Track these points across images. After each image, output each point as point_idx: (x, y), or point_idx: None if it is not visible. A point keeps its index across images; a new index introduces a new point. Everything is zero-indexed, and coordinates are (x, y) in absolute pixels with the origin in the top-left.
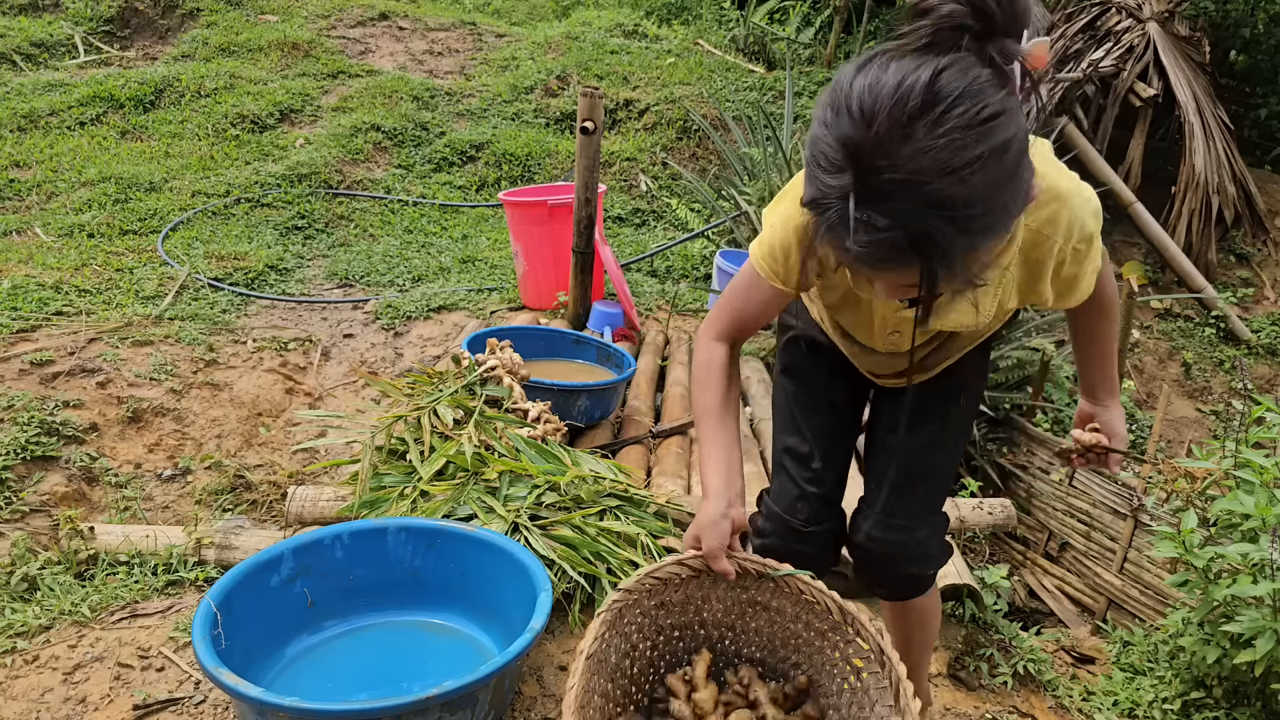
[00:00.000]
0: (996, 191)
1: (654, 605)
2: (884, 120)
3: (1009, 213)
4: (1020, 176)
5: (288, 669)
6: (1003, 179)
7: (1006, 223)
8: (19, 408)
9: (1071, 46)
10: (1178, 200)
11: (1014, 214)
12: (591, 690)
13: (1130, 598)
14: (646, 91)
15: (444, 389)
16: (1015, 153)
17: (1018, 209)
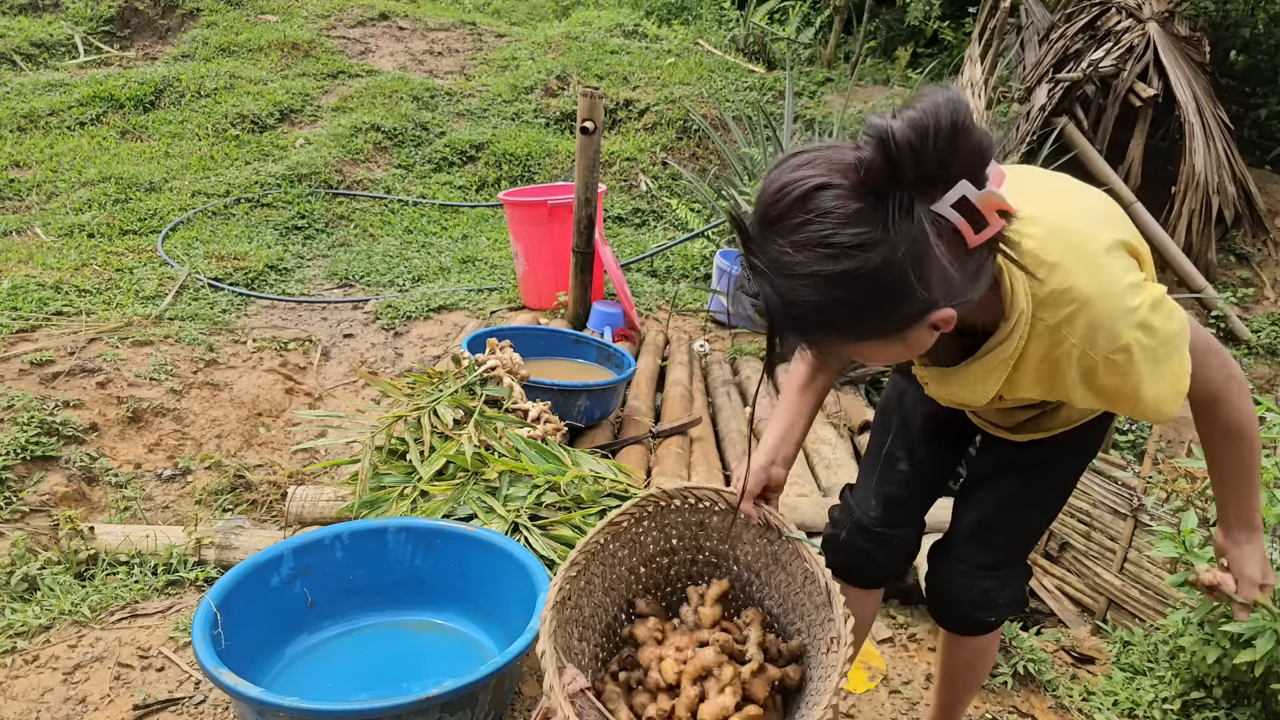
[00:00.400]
0: (837, 306)
1: (695, 521)
2: (760, 213)
3: (863, 325)
4: (874, 304)
5: (288, 669)
6: (843, 298)
7: (861, 331)
8: (19, 408)
9: (1071, 46)
10: (1178, 200)
11: (877, 329)
12: (621, 562)
13: (1130, 598)
14: (646, 91)
15: (444, 389)
16: (865, 282)
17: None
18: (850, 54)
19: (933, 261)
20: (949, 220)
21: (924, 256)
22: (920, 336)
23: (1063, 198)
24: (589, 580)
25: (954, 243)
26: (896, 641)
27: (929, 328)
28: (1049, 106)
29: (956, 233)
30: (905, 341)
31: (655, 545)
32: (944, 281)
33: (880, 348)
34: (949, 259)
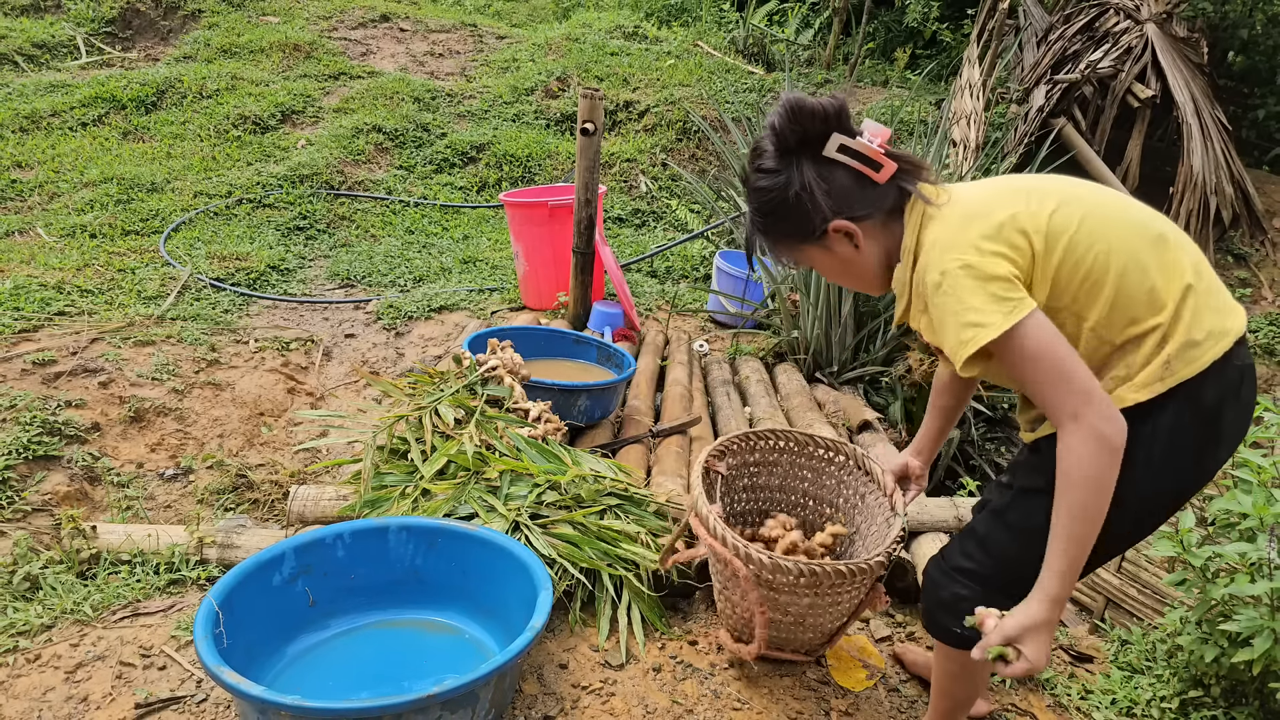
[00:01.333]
0: (763, 216)
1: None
2: (748, 155)
3: (778, 233)
4: (783, 215)
5: (289, 668)
6: (765, 212)
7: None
8: (21, 407)
9: (1070, 48)
10: (1176, 201)
11: (788, 235)
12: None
13: (1128, 596)
14: (646, 93)
15: (445, 389)
16: (771, 202)
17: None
18: (849, 55)
19: (825, 186)
20: (841, 159)
21: (813, 186)
22: (841, 246)
23: (1025, 194)
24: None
25: (856, 176)
26: (895, 640)
27: (843, 235)
28: (1047, 107)
29: (861, 169)
30: (830, 250)
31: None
32: (838, 200)
33: (818, 256)
34: (847, 186)
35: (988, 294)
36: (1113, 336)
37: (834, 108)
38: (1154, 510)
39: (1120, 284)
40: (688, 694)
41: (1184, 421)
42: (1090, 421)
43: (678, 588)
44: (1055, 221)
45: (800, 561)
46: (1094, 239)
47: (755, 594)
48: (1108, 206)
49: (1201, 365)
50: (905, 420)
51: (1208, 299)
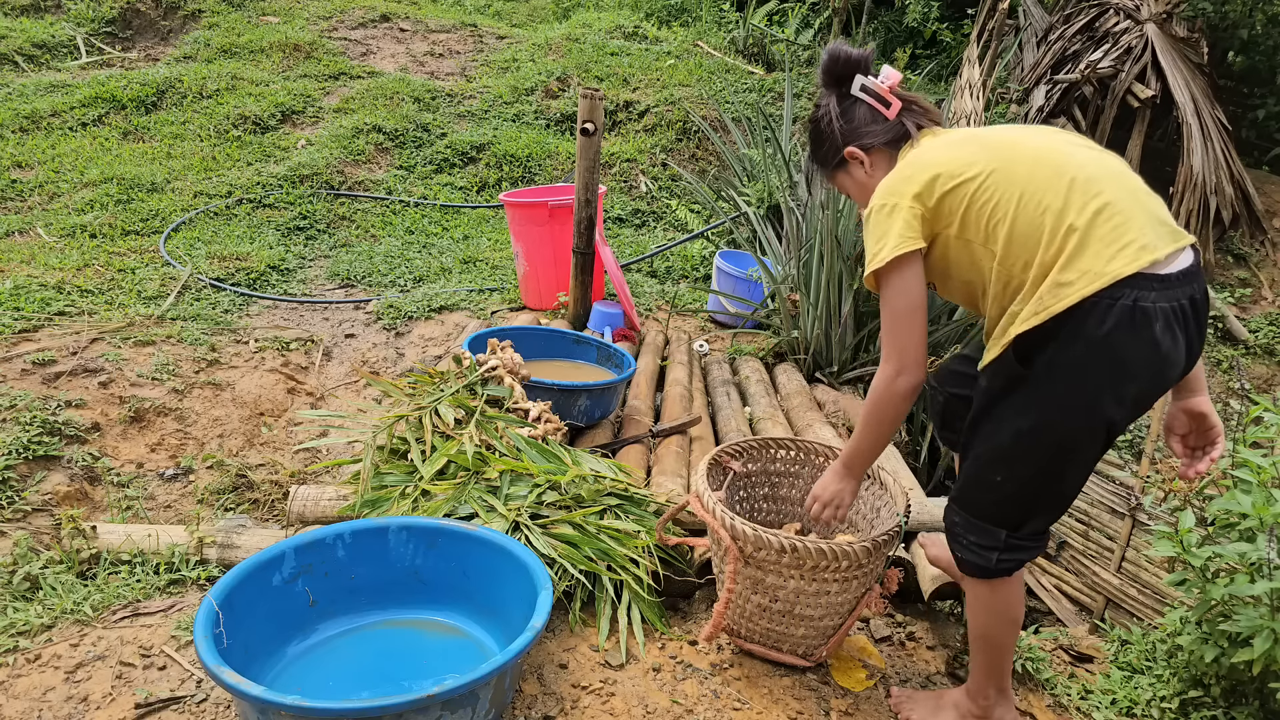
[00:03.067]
0: (810, 142)
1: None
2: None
3: (816, 159)
4: (817, 142)
5: (289, 667)
6: (810, 139)
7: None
8: (21, 407)
9: (1070, 48)
10: (1176, 201)
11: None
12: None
13: (1128, 597)
14: (646, 93)
15: (445, 389)
16: (811, 129)
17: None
18: None
19: (846, 120)
20: (861, 98)
21: (835, 117)
22: (858, 173)
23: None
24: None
25: (872, 111)
26: (895, 640)
27: (856, 163)
28: (1047, 108)
29: (874, 106)
30: (851, 175)
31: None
32: (852, 130)
33: (845, 181)
34: (863, 120)
35: (887, 229)
36: (1015, 272)
37: (861, 55)
38: (1075, 438)
39: (1017, 224)
40: (688, 694)
41: (1075, 353)
42: (891, 371)
43: (678, 588)
44: (971, 169)
45: (783, 536)
46: (999, 189)
47: (732, 566)
48: (1029, 157)
49: (1067, 302)
50: (905, 420)
51: (1094, 242)
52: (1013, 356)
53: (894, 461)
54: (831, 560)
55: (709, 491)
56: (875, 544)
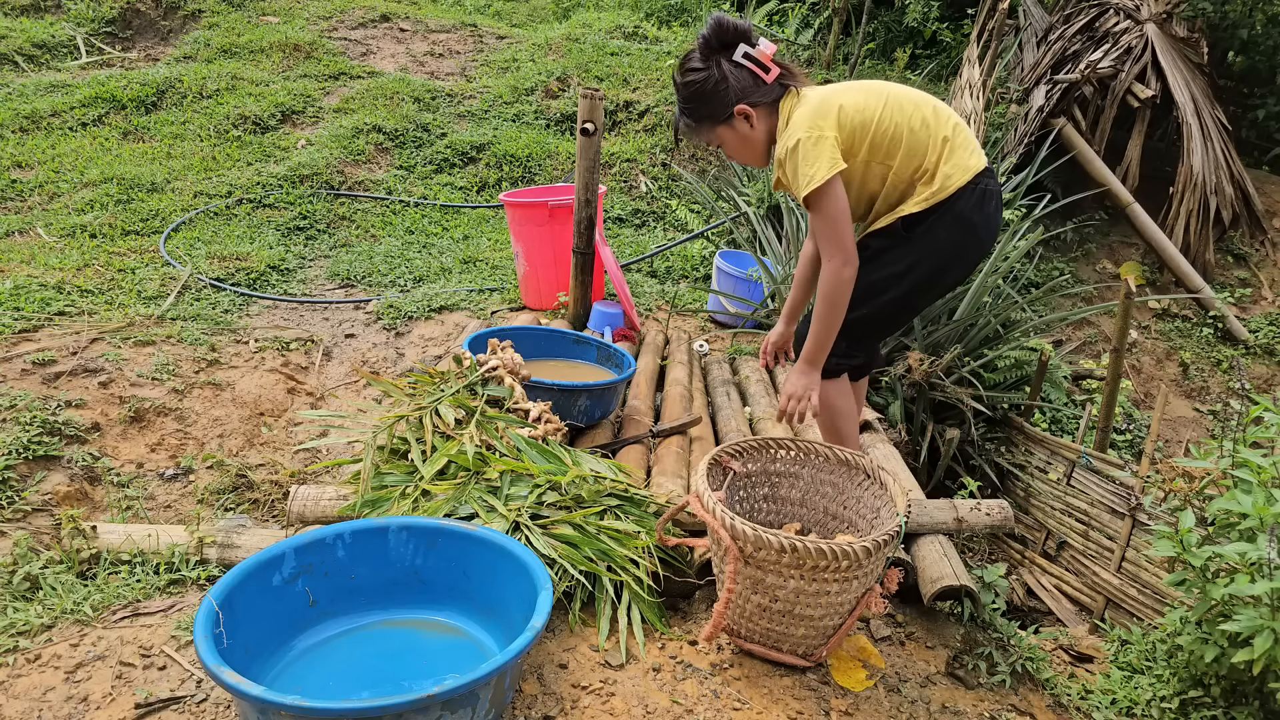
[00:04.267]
0: (689, 104)
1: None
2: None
3: (699, 115)
4: (704, 101)
5: (289, 667)
6: (691, 100)
7: (706, 118)
8: (21, 407)
9: (1070, 48)
10: (1176, 201)
11: (712, 116)
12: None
13: (1128, 597)
14: (646, 93)
15: (445, 389)
16: (696, 91)
17: (716, 116)
18: (849, 55)
19: (734, 80)
20: (744, 63)
21: (727, 78)
22: (742, 128)
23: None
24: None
25: (754, 75)
26: (895, 640)
27: (742, 118)
28: (1047, 108)
29: (754, 71)
30: (735, 129)
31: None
32: (741, 90)
33: (727, 134)
34: (748, 82)
35: (819, 155)
36: (907, 176)
37: (745, 25)
38: (933, 278)
39: (908, 143)
40: (688, 694)
41: (947, 221)
42: (839, 263)
43: (678, 588)
44: (868, 110)
45: (783, 536)
46: (893, 118)
47: (732, 566)
48: (901, 98)
49: (949, 191)
50: (905, 420)
51: (959, 148)
52: (900, 226)
53: (894, 462)
54: (831, 560)
55: (709, 491)
56: (875, 544)
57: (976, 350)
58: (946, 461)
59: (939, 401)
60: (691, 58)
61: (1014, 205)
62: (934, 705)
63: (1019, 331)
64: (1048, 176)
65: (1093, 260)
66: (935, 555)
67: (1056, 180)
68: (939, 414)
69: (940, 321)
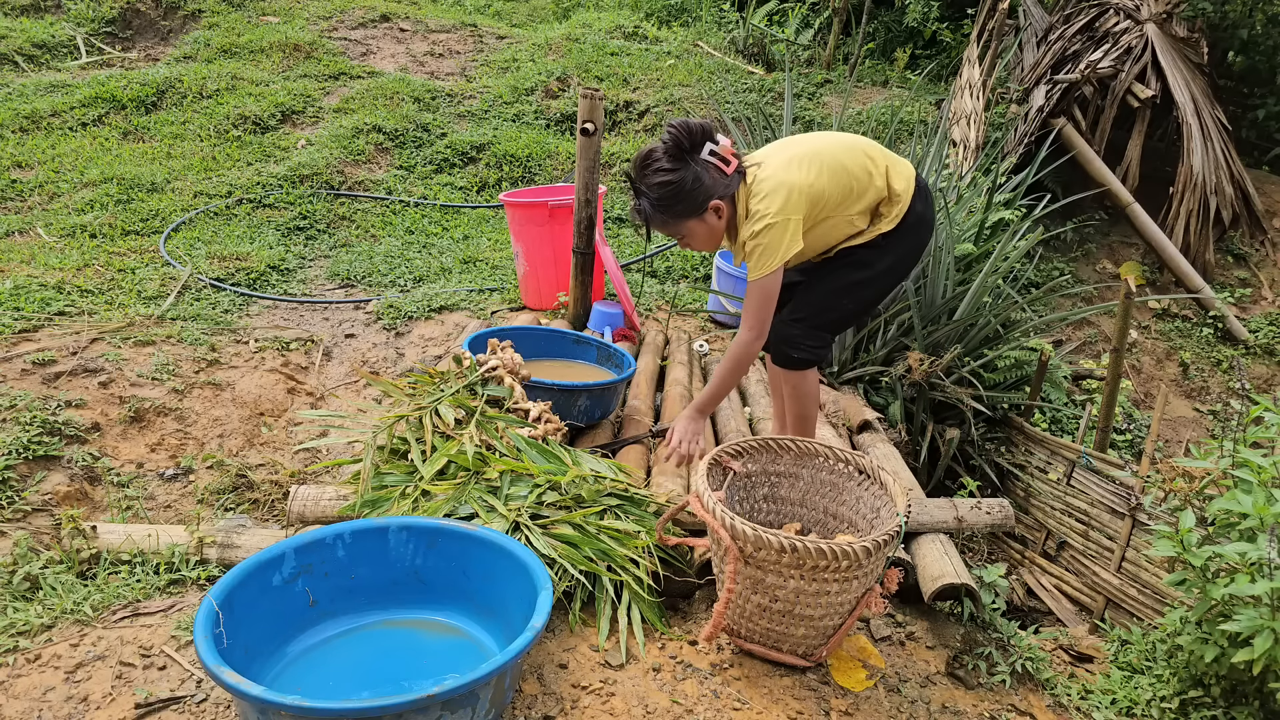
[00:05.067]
0: (665, 201)
1: (773, 473)
2: (634, 166)
3: (675, 212)
4: (681, 199)
5: (289, 667)
6: (667, 199)
7: (680, 214)
8: (21, 407)
9: (1070, 48)
10: (1176, 201)
11: (685, 212)
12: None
13: (1128, 597)
14: (646, 93)
15: (445, 389)
16: (673, 191)
17: (690, 211)
18: (849, 55)
19: (706, 177)
20: (711, 160)
21: (701, 175)
22: (711, 220)
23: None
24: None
25: (719, 169)
26: (895, 640)
27: (713, 211)
28: (1047, 108)
29: (719, 166)
30: (705, 222)
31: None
32: (712, 185)
33: (697, 226)
34: (714, 176)
35: (780, 243)
36: (869, 208)
37: (707, 125)
38: (902, 270)
39: (859, 188)
40: (688, 694)
41: (912, 223)
42: (753, 336)
43: (678, 588)
44: (818, 184)
45: (783, 536)
46: (836, 180)
47: (732, 566)
48: (836, 147)
49: (907, 200)
50: (905, 420)
51: (895, 170)
52: (880, 240)
53: (894, 462)
54: (831, 560)
55: (709, 491)
56: (875, 544)
57: (976, 350)
58: (946, 461)
59: (939, 401)
60: (657, 159)
61: (1014, 205)
62: (934, 705)
63: (1019, 331)
64: (1048, 176)
65: (1093, 260)
66: (936, 554)
67: (1056, 180)
68: (939, 414)
69: (940, 321)
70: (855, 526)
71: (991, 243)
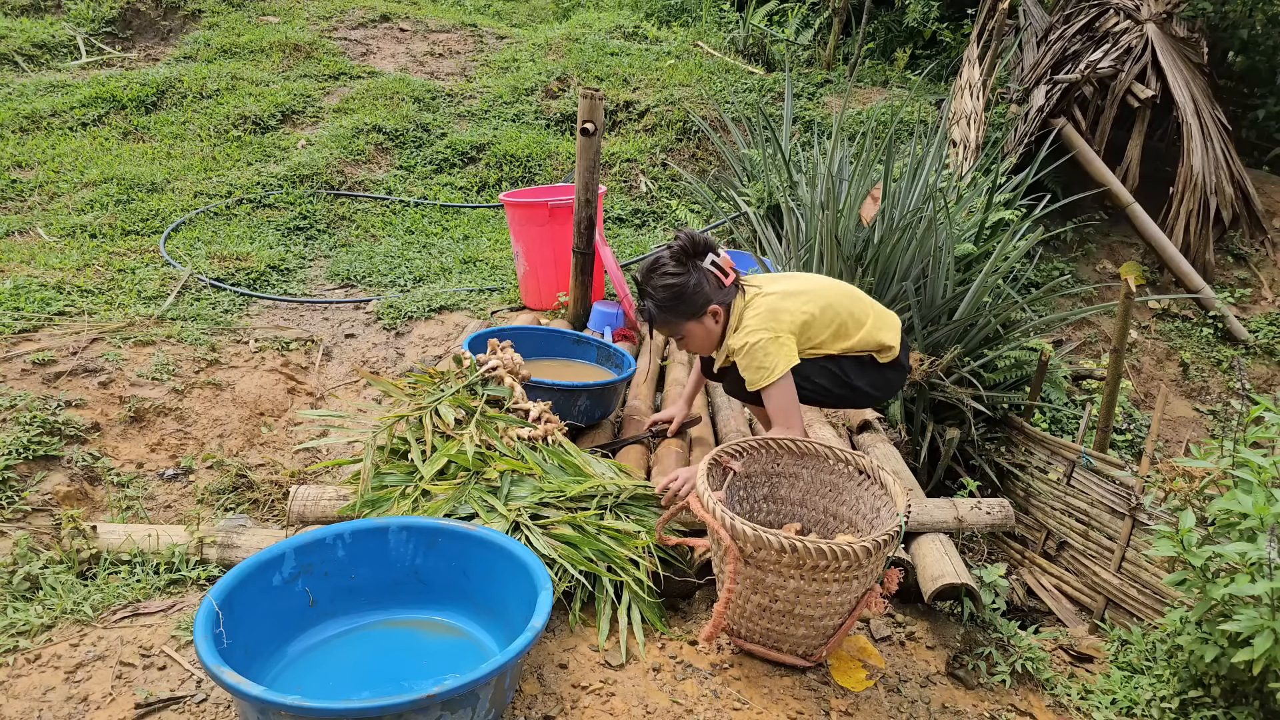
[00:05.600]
0: (668, 302)
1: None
2: (643, 271)
3: (677, 312)
4: (683, 300)
5: (289, 667)
6: (670, 299)
7: (681, 315)
8: (21, 407)
9: (1070, 48)
10: (1176, 201)
11: (686, 314)
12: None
13: (1128, 597)
14: (646, 93)
15: (445, 389)
16: (677, 292)
17: (690, 313)
18: (849, 55)
19: (707, 284)
20: (711, 270)
21: (703, 281)
22: (709, 323)
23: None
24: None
25: (718, 279)
26: (895, 640)
27: (711, 315)
28: (1047, 108)
29: (718, 276)
30: (704, 324)
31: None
32: (713, 291)
33: (696, 328)
34: (715, 284)
35: (778, 353)
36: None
37: (710, 239)
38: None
39: (848, 335)
40: (688, 694)
41: (896, 367)
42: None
43: (678, 588)
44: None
45: (783, 536)
46: (827, 316)
47: (732, 566)
48: (838, 295)
49: (897, 350)
50: (905, 420)
51: (884, 323)
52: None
53: (894, 462)
54: (831, 560)
55: (709, 491)
56: (875, 544)
57: (976, 350)
58: (946, 461)
59: (939, 401)
60: (664, 264)
61: (1014, 205)
62: (934, 705)
63: (1019, 331)
64: (1048, 176)
65: (1093, 260)
66: (936, 554)
67: (1056, 180)
68: (939, 414)
69: (940, 321)
70: (855, 526)
71: (991, 243)
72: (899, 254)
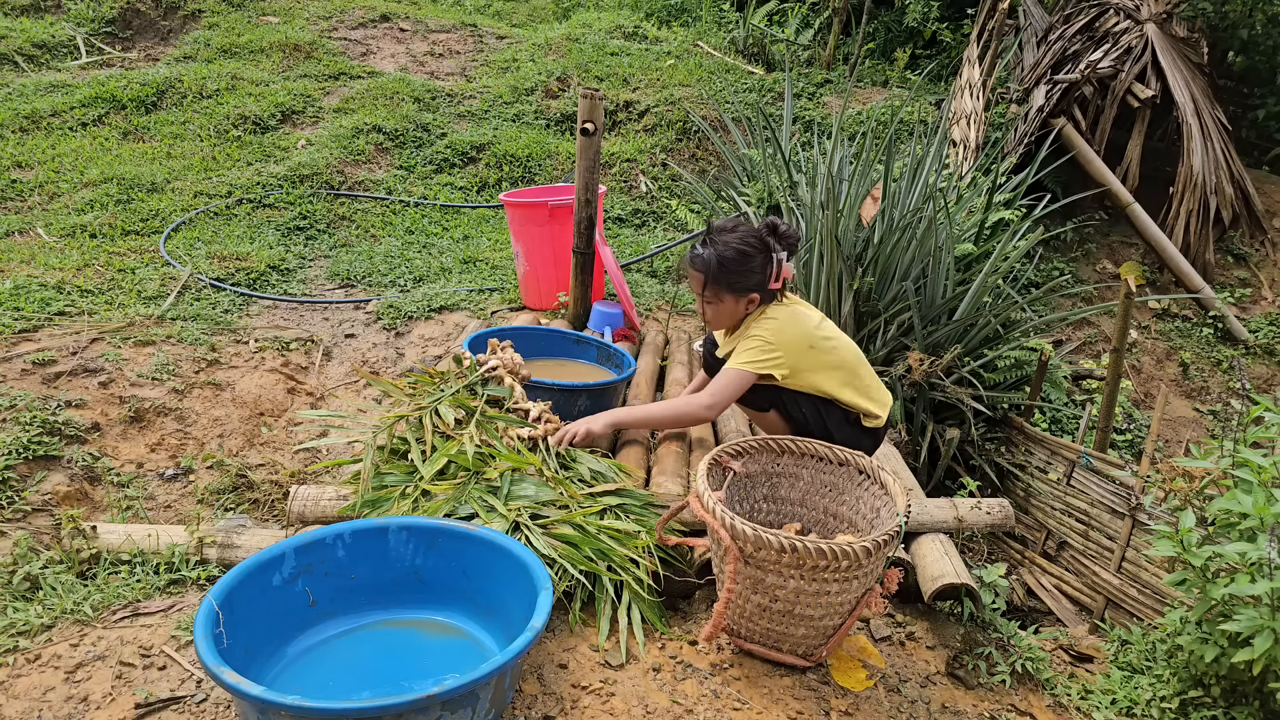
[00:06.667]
0: (729, 262)
1: (770, 473)
2: (718, 225)
3: (728, 275)
4: (739, 271)
5: (289, 668)
6: (731, 261)
7: (729, 284)
8: (21, 407)
9: (1070, 48)
10: (1176, 201)
11: (734, 285)
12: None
13: (1128, 597)
14: (646, 93)
15: (445, 389)
16: (741, 258)
17: (738, 287)
18: (849, 55)
19: (765, 272)
20: (776, 264)
21: (766, 266)
22: (742, 306)
23: (820, 326)
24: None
25: (775, 275)
26: (895, 640)
27: (748, 301)
28: (1047, 108)
29: (775, 273)
30: (738, 304)
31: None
32: (758, 284)
33: (730, 302)
34: (769, 277)
35: (764, 355)
36: (853, 403)
37: (796, 242)
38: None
39: (855, 385)
40: (688, 694)
41: (877, 433)
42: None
43: (678, 588)
44: (826, 344)
45: (783, 536)
46: (838, 361)
47: (732, 566)
48: (852, 352)
49: (882, 421)
50: (905, 420)
51: (878, 391)
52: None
53: (894, 461)
54: (831, 560)
55: (709, 491)
56: (875, 544)
57: (976, 350)
58: (946, 461)
59: (939, 401)
60: (747, 230)
61: (1014, 205)
62: (934, 705)
63: (1019, 331)
64: (1048, 176)
65: (1093, 260)
66: (936, 554)
67: (1056, 180)
68: (939, 414)
69: (940, 321)
70: (855, 526)
71: (991, 243)
72: (899, 254)
